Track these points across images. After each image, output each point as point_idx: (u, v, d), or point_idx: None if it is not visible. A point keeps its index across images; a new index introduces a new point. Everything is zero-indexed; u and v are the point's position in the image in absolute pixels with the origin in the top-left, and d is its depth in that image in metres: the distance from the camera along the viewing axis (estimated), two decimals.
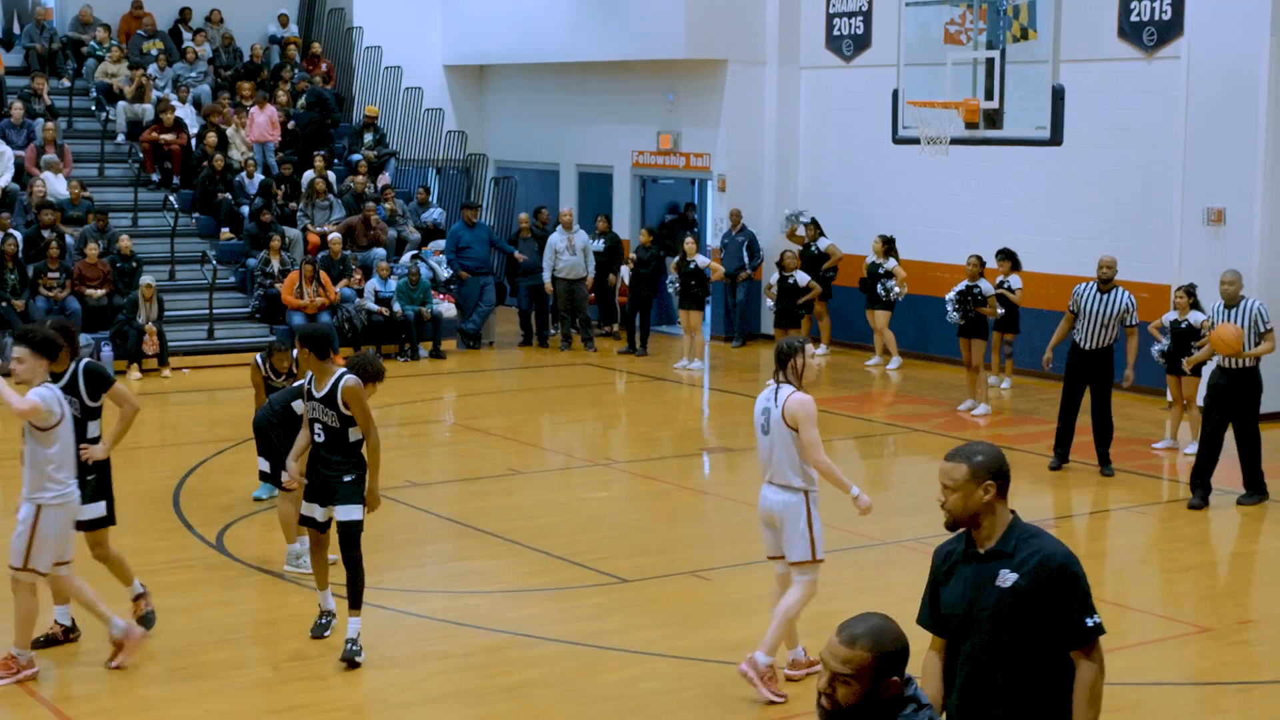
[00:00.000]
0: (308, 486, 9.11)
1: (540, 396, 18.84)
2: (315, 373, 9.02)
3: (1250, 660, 9.38)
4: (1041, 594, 4.93)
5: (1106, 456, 14.08)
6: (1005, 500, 5.09)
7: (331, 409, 8.90)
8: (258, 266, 20.51)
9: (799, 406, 8.36)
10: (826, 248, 20.86)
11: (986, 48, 19.01)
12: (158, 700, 8.47)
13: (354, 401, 8.86)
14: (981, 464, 5.10)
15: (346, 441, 8.94)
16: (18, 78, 23.25)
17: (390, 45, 25.51)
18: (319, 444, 9.02)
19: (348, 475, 8.95)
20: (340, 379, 8.90)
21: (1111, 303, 13.71)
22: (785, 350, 8.52)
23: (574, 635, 9.53)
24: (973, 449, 5.18)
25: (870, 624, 4.13)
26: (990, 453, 5.15)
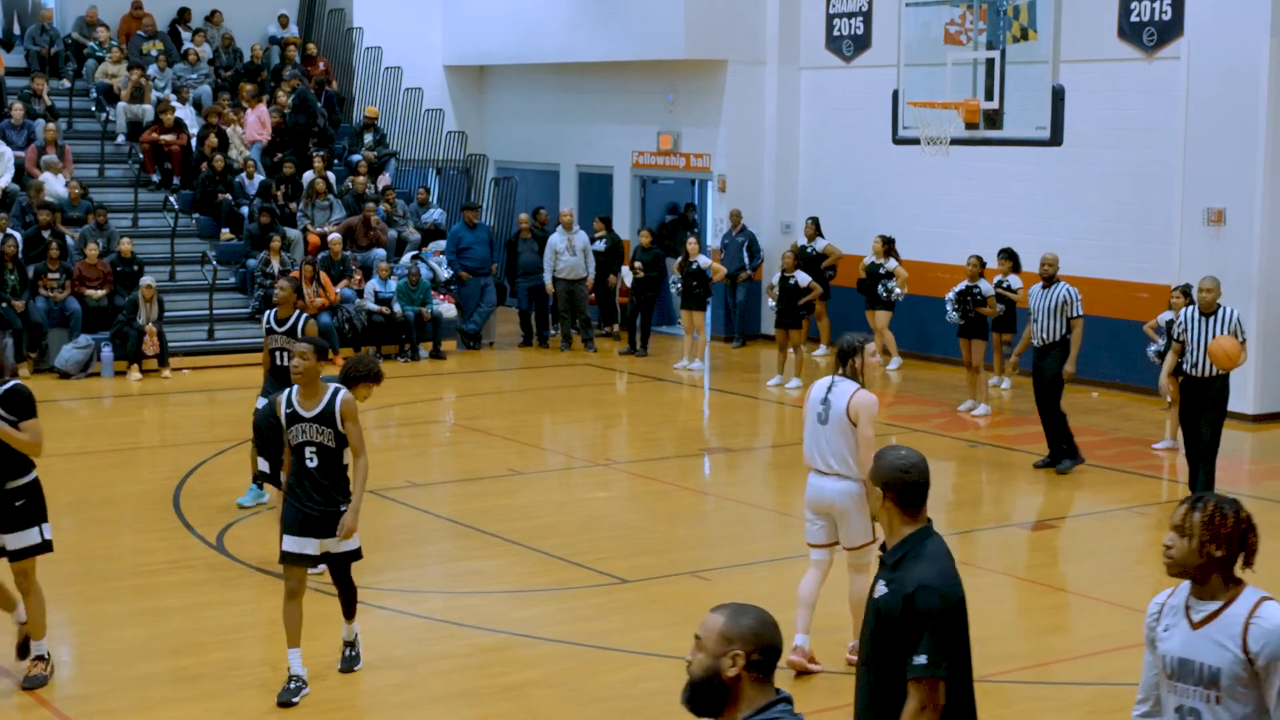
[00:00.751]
0: (299, 519, 8.33)
1: (540, 397, 18.84)
2: (304, 388, 8.37)
3: None
4: (895, 616, 4.91)
5: (1060, 452, 14.15)
6: (905, 511, 5.04)
7: (328, 428, 8.32)
8: (258, 267, 20.51)
9: (866, 404, 8.69)
10: (824, 247, 20.86)
11: (986, 48, 18.99)
12: (158, 700, 8.47)
13: (353, 418, 8.36)
14: (876, 470, 5.09)
15: (340, 464, 8.40)
16: (18, 78, 23.26)
17: (390, 46, 25.51)
18: (311, 469, 8.33)
19: (345, 504, 8.39)
20: (337, 395, 8.36)
21: (1052, 297, 14.03)
22: (846, 348, 8.82)
23: (574, 635, 9.52)
24: (881, 453, 5.15)
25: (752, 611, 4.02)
26: (891, 461, 5.08)
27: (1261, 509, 13.45)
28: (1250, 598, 4.59)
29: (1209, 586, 4.62)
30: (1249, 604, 4.56)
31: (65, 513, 12.83)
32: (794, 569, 10.88)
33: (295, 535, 8.32)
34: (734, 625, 3.90)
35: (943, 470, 14.34)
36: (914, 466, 5.07)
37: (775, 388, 18.59)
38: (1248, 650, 4.50)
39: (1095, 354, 18.72)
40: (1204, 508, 4.62)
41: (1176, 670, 4.63)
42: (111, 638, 9.50)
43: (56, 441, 15.65)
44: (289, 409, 8.38)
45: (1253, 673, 4.49)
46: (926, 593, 4.87)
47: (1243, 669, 4.50)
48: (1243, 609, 4.55)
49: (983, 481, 14.30)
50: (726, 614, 3.94)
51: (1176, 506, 4.70)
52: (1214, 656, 4.55)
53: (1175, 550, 4.60)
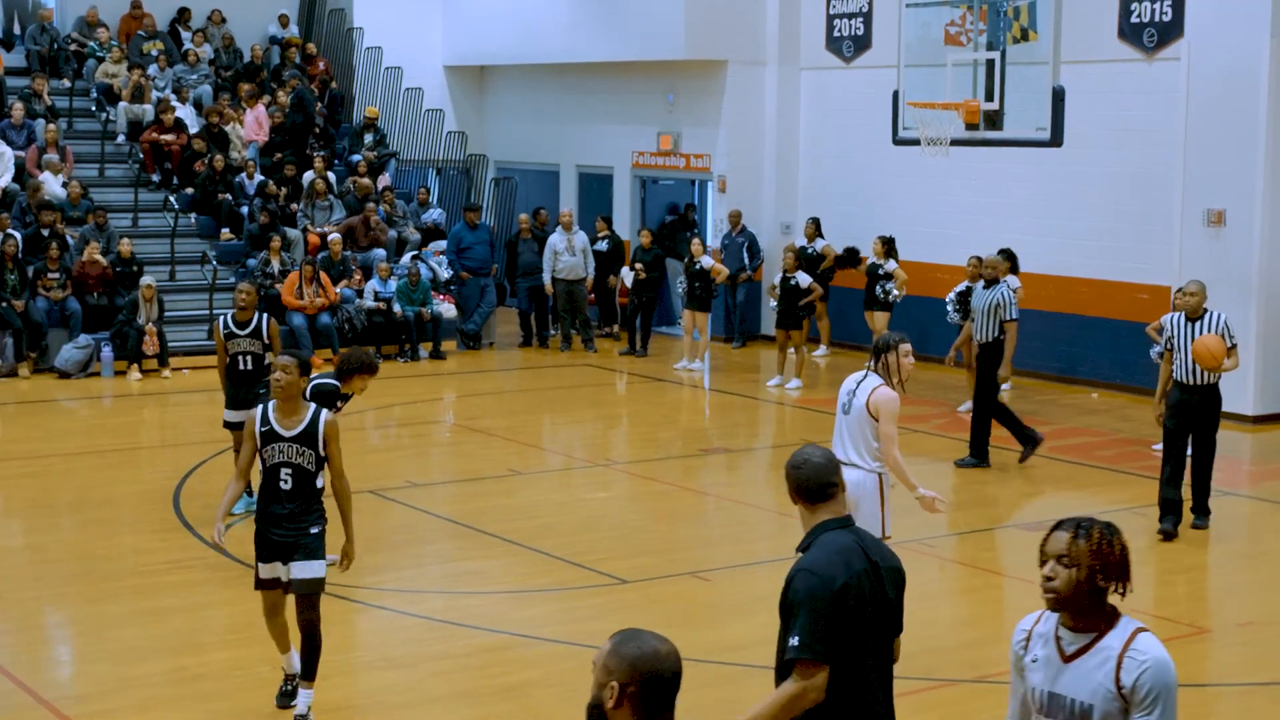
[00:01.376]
0: (270, 544, 7.94)
1: (540, 397, 18.84)
2: (283, 404, 7.86)
3: (1250, 661, 9.38)
4: (782, 602, 4.98)
5: (983, 451, 14.38)
6: (808, 503, 5.12)
7: (309, 448, 7.83)
8: (258, 267, 20.51)
9: (885, 400, 8.78)
10: (823, 248, 20.86)
11: (987, 49, 19.01)
12: (158, 700, 8.47)
13: (337, 439, 7.90)
14: (789, 467, 5.20)
15: (313, 487, 7.94)
16: (18, 78, 23.26)
17: (390, 46, 25.51)
18: (285, 492, 7.88)
19: (315, 527, 7.94)
20: (319, 415, 7.88)
21: (988, 297, 14.28)
22: (882, 345, 8.92)
23: (574, 636, 9.52)
24: (792, 455, 5.23)
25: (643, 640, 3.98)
26: (790, 460, 5.18)
27: (1261, 509, 13.47)
28: (1125, 629, 4.30)
29: (1087, 618, 4.32)
30: (1124, 636, 4.28)
31: (65, 513, 12.85)
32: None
33: (267, 561, 8.00)
34: (614, 656, 3.89)
35: (943, 471, 14.35)
36: (805, 462, 5.13)
37: (775, 388, 18.59)
38: (1120, 685, 4.23)
39: (1095, 355, 18.75)
40: (1089, 535, 4.28)
41: (1046, 705, 4.39)
42: (111, 638, 9.51)
43: (56, 441, 15.69)
44: (265, 426, 7.85)
45: (1125, 709, 4.23)
46: (801, 575, 4.90)
47: (1116, 705, 4.24)
48: (1117, 641, 4.27)
49: (983, 482, 14.30)
50: (613, 642, 3.91)
51: (1050, 532, 4.35)
52: (1086, 692, 4.28)
53: (1059, 582, 4.26)
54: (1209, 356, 11.57)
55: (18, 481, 13.88)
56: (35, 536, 12.20)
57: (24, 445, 15.46)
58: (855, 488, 8.86)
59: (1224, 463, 14.73)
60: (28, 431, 16.34)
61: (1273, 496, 13.72)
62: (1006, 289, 14.42)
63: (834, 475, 5.13)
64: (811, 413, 17.22)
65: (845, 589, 4.88)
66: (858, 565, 4.96)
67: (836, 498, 5.13)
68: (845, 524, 5.12)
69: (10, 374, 18.76)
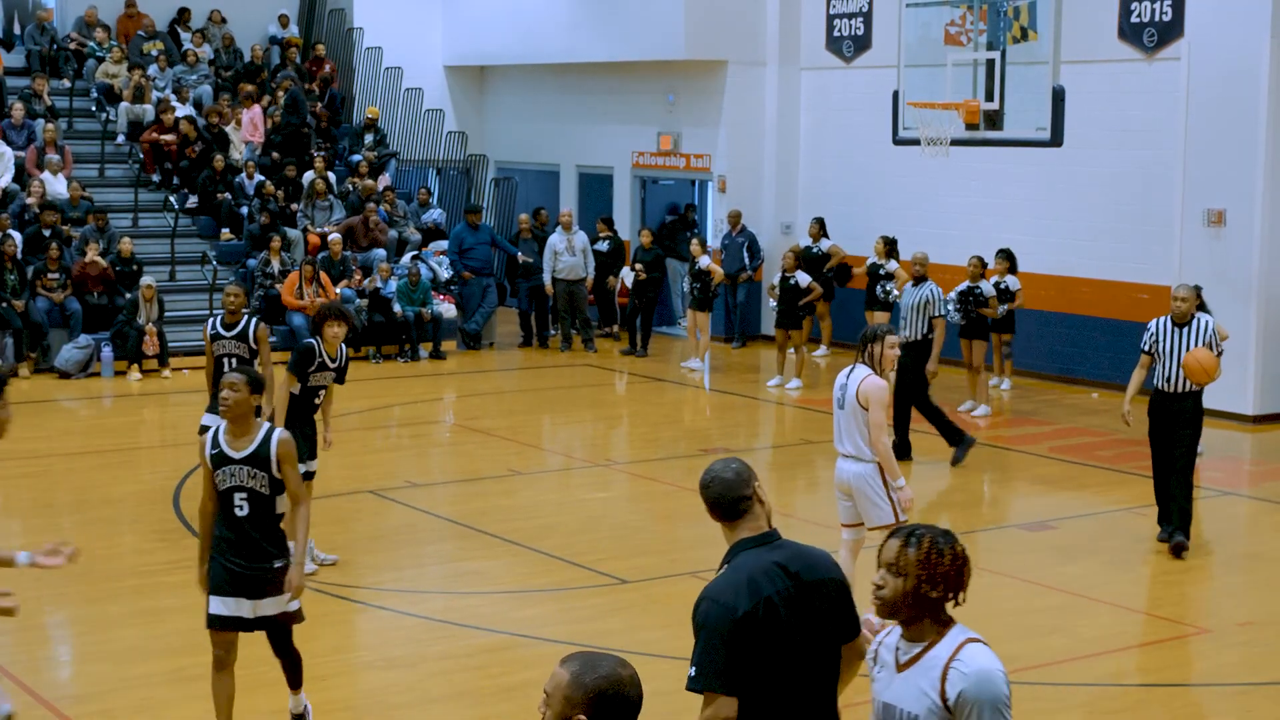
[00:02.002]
0: (228, 577, 7.26)
1: (540, 397, 18.84)
2: (233, 424, 7.28)
3: (1250, 662, 9.38)
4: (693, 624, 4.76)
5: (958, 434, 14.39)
6: (725, 521, 4.90)
7: (262, 471, 7.21)
8: (258, 267, 20.51)
9: (874, 389, 8.98)
10: (829, 248, 20.86)
11: (987, 49, 19.01)
12: (158, 701, 8.47)
13: (292, 461, 7.25)
14: (700, 485, 4.98)
15: (274, 514, 7.30)
16: (18, 78, 23.26)
17: (390, 46, 25.51)
18: (241, 519, 7.23)
19: (279, 560, 7.31)
20: (271, 434, 7.27)
21: (918, 295, 14.40)
22: (868, 336, 9.10)
23: (574, 636, 9.52)
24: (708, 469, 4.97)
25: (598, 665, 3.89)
26: (703, 476, 4.96)
27: (1261, 509, 13.46)
28: (954, 639, 4.21)
29: (919, 628, 4.24)
30: (952, 646, 4.19)
31: (65, 513, 12.85)
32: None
33: (225, 596, 7.28)
34: (577, 685, 3.78)
35: (943, 471, 14.35)
36: (714, 479, 4.90)
37: (775, 388, 18.59)
38: (945, 697, 4.13)
39: (1095, 355, 18.74)
40: (919, 544, 4.20)
41: (880, 714, 4.32)
42: (111, 638, 9.51)
43: (56, 441, 15.68)
44: (214, 449, 7.27)
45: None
46: (701, 604, 4.67)
47: (940, 717, 4.14)
48: (945, 651, 4.19)
49: (983, 482, 14.30)
50: (573, 670, 3.82)
51: (885, 540, 4.30)
52: (914, 703, 4.20)
53: (887, 590, 4.21)
54: (1201, 372, 11.08)
55: (18, 481, 13.88)
56: (35, 536, 12.19)
57: (24, 445, 15.45)
58: (857, 479, 9.14)
59: (1224, 463, 14.73)
60: (28, 431, 16.32)
61: (1273, 496, 13.72)
62: (934, 286, 14.51)
63: (745, 489, 4.86)
64: (812, 413, 17.22)
65: (748, 617, 4.58)
66: (770, 589, 4.64)
67: (753, 511, 4.86)
68: (765, 540, 4.82)
69: (10, 374, 18.75)
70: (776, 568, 4.72)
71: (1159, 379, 11.29)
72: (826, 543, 12.30)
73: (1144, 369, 11.47)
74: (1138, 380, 11.54)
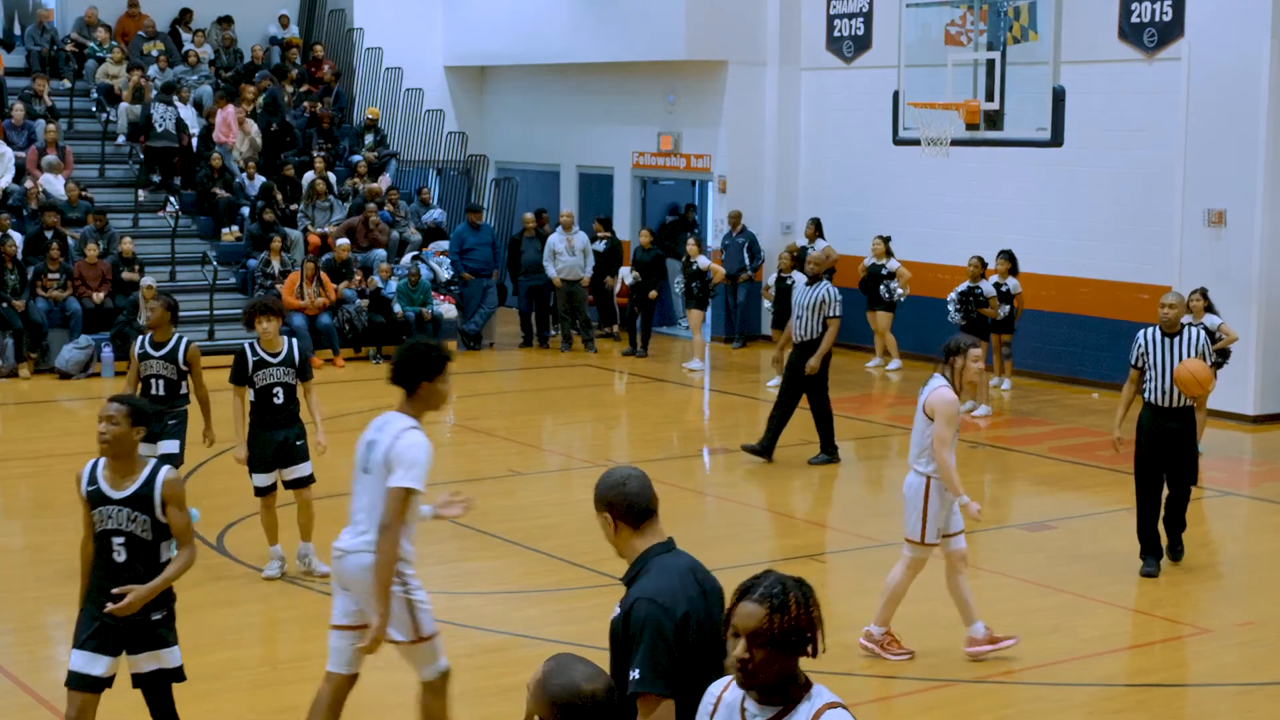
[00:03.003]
0: (94, 628, 6.49)
1: (541, 397, 18.84)
2: (113, 461, 6.58)
3: (1250, 662, 9.38)
4: (623, 634, 4.68)
5: (830, 443, 14.33)
6: (636, 529, 4.78)
7: (144, 514, 6.47)
8: (258, 267, 20.51)
9: (941, 402, 8.75)
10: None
11: (987, 49, 19.00)
12: None
13: (178, 503, 6.51)
14: (595, 495, 4.85)
15: (156, 560, 6.50)
16: (18, 79, 23.26)
17: (391, 46, 25.51)
18: (117, 564, 6.46)
19: (157, 612, 6.55)
20: (156, 473, 6.51)
21: (814, 295, 14.08)
22: (950, 348, 8.86)
23: (574, 636, 9.51)
24: (601, 477, 4.88)
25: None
26: (605, 481, 4.83)
27: (1261, 509, 13.47)
28: (814, 703, 3.91)
29: (774, 691, 3.94)
30: (810, 712, 3.90)
31: (65, 513, 12.82)
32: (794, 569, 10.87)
33: (87, 651, 6.48)
34: (539, 688, 3.86)
35: None
36: (631, 478, 4.81)
37: (775, 388, 18.56)
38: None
39: (1096, 355, 18.74)
40: (784, 611, 3.89)
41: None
42: None
43: (57, 442, 15.68)
44: (91, 485, 6.58)
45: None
46: (640, 605, 4.61)
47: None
48: (803, 718, 3.90)
49: (983, 482, 14.30)
50: (543, 672, 3.88)
51: (738, 601, 3.98)
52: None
53: (754, 664, 3.87)
54: (1194, 384, 10.46)
55: (18, 481, 13.88)
56: (35, 536, 12.20)
57: (24, 445, 15.46)
58: (907, 488, 8.95)
59: (1224, 463, 14.73)
60: (28, 431, 16.34)
61: (1273, 496, 13.72)
62: (830, 286, 14.23)
63: (654, 495, 4.83)
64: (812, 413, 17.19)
65: (687, 618, 4.59)
66: (694, 591, 4.70)
67: (658, 518, 4.83)
68: (671, 547, 4.83)
69: (10, 374, 18.76)
70: (690, 574, 4.76)
71: (1150, 393, 10.65)
72: (834, 541, 12.31)
73: (1134, 385, 10.77)
74: (1128, 397, 10.83)
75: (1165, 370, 10.55)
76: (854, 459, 15.16)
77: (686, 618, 4.61)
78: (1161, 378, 10.59)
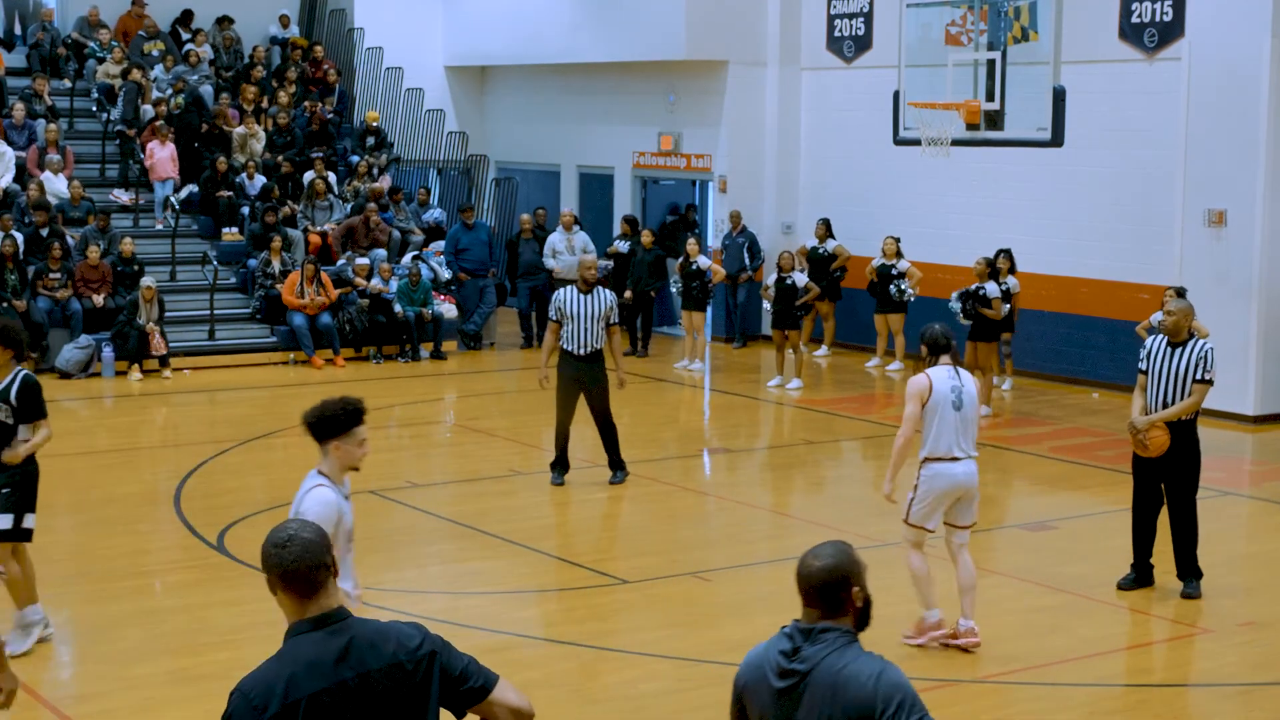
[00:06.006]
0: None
1: (541, 397, 18.75)
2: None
3: (1250, 662, 9.38)
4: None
5: (618, 460, 13.60)
6: (298, 596, 4.22)
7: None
8: (258, 267, 20.52)
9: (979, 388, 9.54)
10: (834, 249, 20.86)
11: (987, 49, 18.98)
12: (159, 701, 8.47)
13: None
14: (265, 547, 4.31)
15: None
16: (19, 78, 23.26)
17: (391, 46, 25.52)
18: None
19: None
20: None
21: (595, 303, 13.27)
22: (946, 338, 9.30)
23: (574, 636, 9.52)
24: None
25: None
26: (277, 536, 4.24)
27: (1261, 509, 13.47)
28: None
29: None
30: None
31: (65, 513, 12.83)
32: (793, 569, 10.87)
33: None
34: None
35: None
36: (291, 539, 4.16)
37: (776, 388, 18.57)
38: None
39: (1096, 355, 18.74)
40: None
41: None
42: (111, 638, 9.50)
43: (57, 441, 15.61)
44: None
45: None
46: (234, 696, 4.28)
47: None
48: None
49: (983, 482, 14.27)
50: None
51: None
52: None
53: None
54: (1156, 451, 10.25)
55: None
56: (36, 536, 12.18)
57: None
58: (976, 478, 9.44)
59: (1224, 463, 14.72)
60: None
61: (1273, 496, 13.72)
62: (609, 292, 13.59)
63: (327, 555, 4.14)
64: (812, 413, 17.22)
65: (279, 716, 4.06)
66: (312, 686, 4.07)
67: (329, 585, 4.15)
68: (327, 620, 4.14)
69: None
70: (329, 659, 4.13)
71: (1149, 400, 10.31)
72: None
73: (1143, 391, 10.35)
74: (1139, 405, 10.35)
75: (1164, 380, 10.21)
76: (856, 459, 15.15)
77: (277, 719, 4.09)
78: (1160, 388, 10.24)
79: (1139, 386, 10.41)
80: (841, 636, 4.28)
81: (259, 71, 24.22)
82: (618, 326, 13.50)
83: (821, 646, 4.26)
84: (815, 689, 4.21)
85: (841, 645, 4.25)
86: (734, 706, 4.46)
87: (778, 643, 4.37)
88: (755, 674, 4.38)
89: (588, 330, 13.24)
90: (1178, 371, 10.17)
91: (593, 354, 13.30)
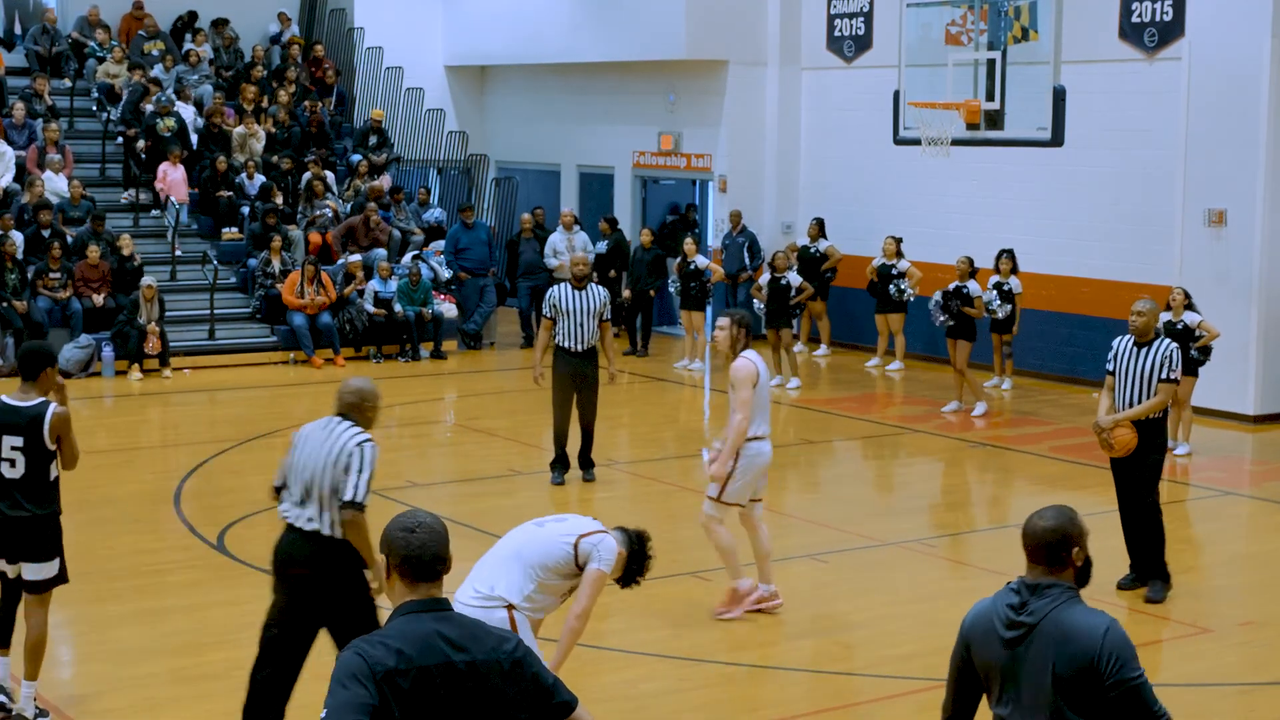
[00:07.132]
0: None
1: (541, 397, 18.73)
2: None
3: (1250, 662, 9.38)
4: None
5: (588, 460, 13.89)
6: (412, 579, 4.46)
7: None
8: (258, 267, 20.52)
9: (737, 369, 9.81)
10: (826, 249, 20.86)
11: (988, 49, 19.01)
12: (160, 701, 8.47)
13: None
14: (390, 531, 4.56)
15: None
16: (19, 78, 23.26)
17: (391, 46, 25.52)
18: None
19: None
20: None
21: (589, 299, 13.27)
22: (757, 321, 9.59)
23: None
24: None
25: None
26: (405, 521, 4.56)
27: (1261, 509, 13.47)
28: None
29: None
30: None
31: (65, 512, 12.79)
32: (794, 569, 10.89)
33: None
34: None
35: (939, 470, 14.35)
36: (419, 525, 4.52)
37: (776, 388, 18.57)
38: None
39: (1096, 355, 18.71)
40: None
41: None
42: (112, 638, 9.51)
43: None
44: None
45: None
46: (347, 652, 4.25)
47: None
48: None
49: (982, 482, 14.30)
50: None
51: None
52: None
53: None
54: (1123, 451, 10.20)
55: None
56: None
57: None
58: (771, 453, 9.84)
59: (1224, 463, 14.73)
60: None
61: (1273, 496, 13.72)
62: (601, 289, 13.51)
63: (448, 548, 4.37)
64: (811, 412, 17.22)
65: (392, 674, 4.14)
66: (424, 660, 4.22)
67: (443, 577, 4.43)
68: (436, 605, 4.39)
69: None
70: (440, 639, 4.32)
71: (1118, 400, 10.34)
72: (833, 540, 12.29)
73: (1110, 392, 10.40)
74: (1106, 405, 10.35)
75: (1130, 380, 10.27)
76: (855, 458, 15.15)
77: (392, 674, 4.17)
78: (1127, 388, 10.28)
79: (1106, 386, 10.46)
80: (1065, 592, 4.68)
81: (259, 71, 24.28)
82: (610, 323, 13.63)
83: (1047, 600, 4.65)
84: (1043, 639, 4.62)
85: (1066, 600, 4.67)
86: (958, 655, 4.91)
87: (1004, 597, 4.73)
88: (983, 624, 4.77)
89: (582, 326, 13.32)
90: (1143, 371, 10.26)
91: (588, 350, 13.45)
